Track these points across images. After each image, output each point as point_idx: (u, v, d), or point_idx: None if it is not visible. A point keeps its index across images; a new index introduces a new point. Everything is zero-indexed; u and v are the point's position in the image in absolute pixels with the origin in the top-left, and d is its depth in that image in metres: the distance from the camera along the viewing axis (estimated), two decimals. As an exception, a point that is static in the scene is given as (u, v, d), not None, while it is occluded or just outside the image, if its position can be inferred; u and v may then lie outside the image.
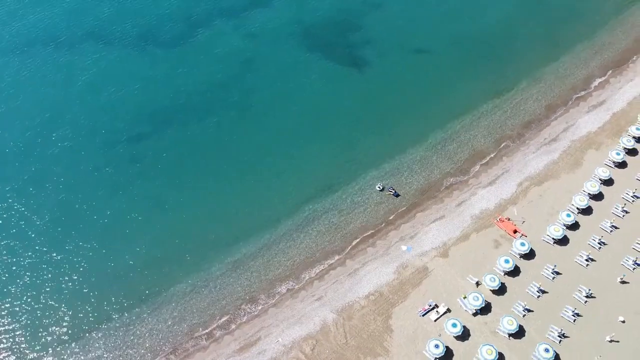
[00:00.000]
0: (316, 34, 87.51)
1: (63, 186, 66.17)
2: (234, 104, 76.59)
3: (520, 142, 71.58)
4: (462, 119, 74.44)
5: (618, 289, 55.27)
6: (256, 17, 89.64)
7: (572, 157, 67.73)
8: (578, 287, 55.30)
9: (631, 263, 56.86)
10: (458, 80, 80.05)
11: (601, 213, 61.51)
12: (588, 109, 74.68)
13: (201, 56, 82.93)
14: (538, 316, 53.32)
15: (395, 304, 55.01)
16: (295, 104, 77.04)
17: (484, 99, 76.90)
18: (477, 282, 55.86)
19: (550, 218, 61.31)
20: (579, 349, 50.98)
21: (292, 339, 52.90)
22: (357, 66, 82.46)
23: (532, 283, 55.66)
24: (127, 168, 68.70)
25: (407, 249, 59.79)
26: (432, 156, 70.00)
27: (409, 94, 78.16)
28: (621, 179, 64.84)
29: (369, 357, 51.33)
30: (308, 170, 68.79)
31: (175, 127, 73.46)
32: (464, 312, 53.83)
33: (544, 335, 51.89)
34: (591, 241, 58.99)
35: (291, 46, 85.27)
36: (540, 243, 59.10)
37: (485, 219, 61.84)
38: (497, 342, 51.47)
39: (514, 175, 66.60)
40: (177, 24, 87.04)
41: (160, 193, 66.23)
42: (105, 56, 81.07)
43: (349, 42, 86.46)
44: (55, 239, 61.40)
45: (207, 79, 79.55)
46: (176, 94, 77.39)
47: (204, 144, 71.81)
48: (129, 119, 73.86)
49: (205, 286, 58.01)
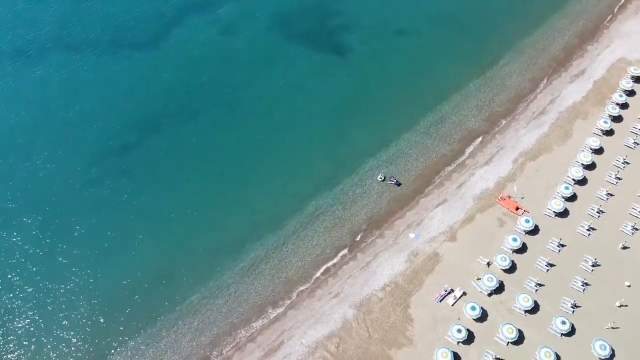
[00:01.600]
0: (294, 23, 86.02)
1: (55, 210, 63.27)
2: (219, 103, 74.92)
3: (510, 118, 72.79)
4: (450, 99, 75.02)
5: (621, 255, 57.52)
6: (230, 10, 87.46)
7: (561, 129, 69.34)
8: (584, 257, 57.29)
9: (630, 228, 59.16)
10: (441, 59, 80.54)
11: (596, 182, 63.51)
12: (570, 79, 76.35)
13: (179, 56, 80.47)
14: (550, 290, 55.09)
15: (411, 293, 55.81)
16: (281, 98, 75.94)
17: (470, 77, 77.63)
18: (488, 262, 57.13)
19: (548, 192, 62.94)
20: (592, 317, 53.06)
21: (316, 339, 53.15)
22: (339, 53, 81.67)
23: (540, 258, 57.34)
24: (118, 183, 66.33)
25: (415, 236, 60.47)
26: (427, 140, 70.46)
27: (394, 78, 78.13)
28: (610, 146, 66.90)
29: (394, 348, 52.17)
30: (304, 165, 68.28)
31: (162, 133, 71.34)
32: (479, 294, 55.13)
33: (558, 308, 53.75)
34: (590, 211, 60.98)
35: (270, 38, 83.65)
36: (542, 217, 60.71)
37: (486, 199, 62.98)
38: (514, 319, 53.03)
39: (508, 152, 67.85)
40: (149, 25, 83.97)
41: (156, 205, 64.42)
42: (80, 66, 77.68)
43: (328, 29, 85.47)
44: (55, 267, 58.91)
45: (188, 80, 77.47)
46: (158, 97, 75.02)
47: (193, 148, 70.12)
48: (113, 130, 71.23)
49: (219, 296, 57.35)
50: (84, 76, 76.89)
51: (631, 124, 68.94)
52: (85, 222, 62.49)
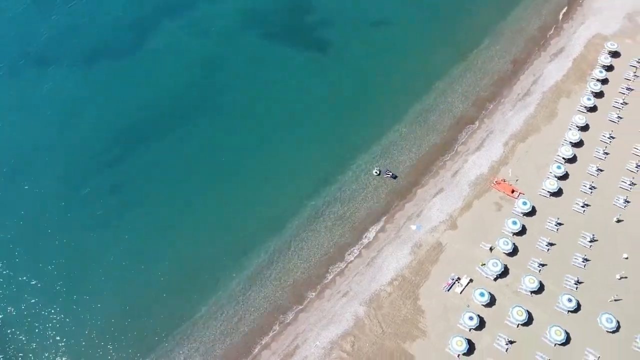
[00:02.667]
0: (271, 21, 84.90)
1: (46, 234, 61.42)
2: (204, 109, 73.56)
3: (496, 101, 73.66)
4: (435, 87, 75.39)
5: (616, 228, 59.19)
6: (204, 12, 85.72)
7: (547, 109, 70.57)
8: (581, 234, 58.79)
9: (622, 202, 60.87)
10: (422, 48, 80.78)
11: (585, 159, 65.00)
12: (550, 58, 77.60)
13: (158, 63, 78.58)
14: (552, 269, 56.40)
15: (419, 284, 56.41)
16: (266, 99, 75.02)
17: (452, 64, 78.09)
18: (491, 247, 58.07)
19: (541, 172, 64.15)
20: (595, 292, 54.62)
21: (330, 340, 53.35)
22: (321, 49, 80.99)
23: (540, 238, 58.59)
24: (110, 199, 64.78)
25: (416, 227, 60.99)
26: (417, 130, 70.79)
27: (378, 71, 78.01)
28: (595, 122, 68.44)
29: (408, 341, 52.77)
30: (298, 166, 67.66)
31: (150, 143, 69.82)
32: (485, 279, 56.08)
33: (562, 286, 55.15)
34: (583, 188, 62.45)
35: (249, 38, 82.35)
36: (537, 198, 61.92)
37: (482, 184, 63.84)
38: (522, 301, 54.19)
39: (498, 136, 68.77)
40: (123, 34, 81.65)
41: (152, 219, 63.20)
42: (55, 81, 75.25)
43: (306, 25, 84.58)
44: (55, 291, 57.46)
45: (171, 86, 75.69)
46: (142, 107, 73.13)
47: (184, 157, 68.90)
48: (98, 145, 69.38)
49: (227, 305, 56.81)
50: (60, 91, 74.49)
51: (613, 99, 70.61)
52: (78, 243, 60.94)
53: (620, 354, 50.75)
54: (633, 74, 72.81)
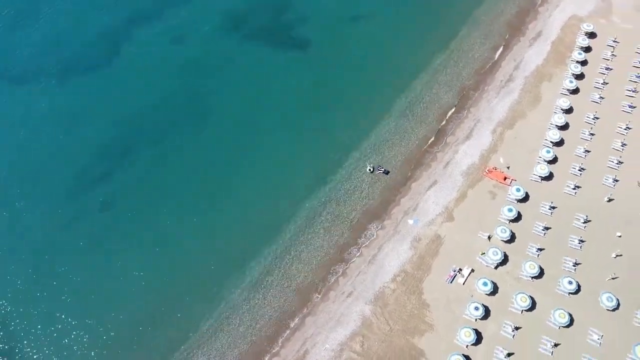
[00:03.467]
0: (249, 21, 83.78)
1: (39, 258, 59.91)
2: (188, 117, 72.30)
3: (480, 89, 74.24)
4: (419, 79, 75.58)
5: (607, 207, 60.45)
6: (179, 17, 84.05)
7: (531, 94, 71.43)
8: (575, 216, 59.89)
9: (611, 181, 62.19)
10: (402, 39, 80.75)
11: (572, 141, 66.09)
12: (529, 42, 78.47)
13: (135, 73, 76.86)
14: (550, 252, 57.33)
15: (422, 278, 56.78)
16: (250, 102, 74.11)
17: (433, 54, 78.34)
18: (489, 236, 58.75)
19: (531, 157, 65.02)
20: (593, 272, 55.80)
21: (339, 342, 53.39)
22: (301, 47, 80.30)
23: (535, 223, 59.49)
24: (100, 218, 63.28)
25: (413, 222, 61.28)
26: (405, 123, 70.94)
27: (360, 66, 77.83)
28: (579, 104, 69.57)
29: (416, 336, 53.17)
30: (290, 169, 67.08)
31: (135, 157, 68.37)
32: (486, 268, 56.74)
33: (561, 268, 56.18)
34: (572, 170, 63.52)
35: (228, 40, 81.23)
36: (530, 184, 62.80)
37: (474, 174, 64.40)
38: (523, 287, 55.01)
39: (485, 124, 69.37)
40: (96, 45, 79.58)
41: (145, 234, 61.96)
42: (34, 99, 72.98)
43: (283, 23, 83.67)
44: (53, 313, 56.16)
45: (153, 96, 74.08)
46: (123, 120, 71.49)
47: (171, 168, 67.67)
48: (82, 162, 67.66)
49: (232, 316, 56.24)
50: (38, 109, 72.36)
51: (593, 80, 71.85)
52: (74, 263, 59.54)
53: (622, 330, 52.04)
54: (611, 53, 74.18)
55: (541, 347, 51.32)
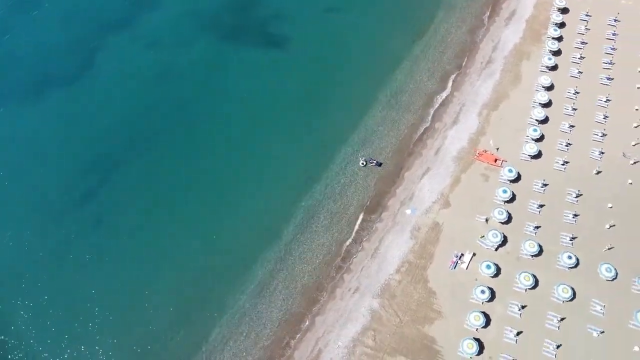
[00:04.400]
0: (222, 22, 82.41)
1: (39, 276, 58.33)
2: (175, 124, 71.08)
3: (462, 73, 74.87)
4: (401, 67, 75.82)
5: (597, 180, 62.00)
6: (150, 22, 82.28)
7: (511, 73, 72.38)
8: (567, 191, 61.24)
9: (597, 154, 63.74)
10: (379, 28, 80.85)
11: (557, 118, 67.36)
12: (504, 22, 79.39)
13: (113, 83, 75.12)
14: (547, 229, 58.58)
15: (425, 267, 57.36)
16: (232, 105, 73.30)
17: (412, 41, 78.66)
18: (487, 218, 59.62)
19: (518, 137, 66.05)
20: (591, 244, 57.26)
21: (351, 338, 53.64)
22: (279, 45, 79.50)
23: (530, 202, 60.64)
24: (94, 233, 61.85)
25: (411, 211, 61.70)
26: (392, 113, 71.12)
27: (340, 58, 77.64)
28: (559, 80, 70.85)
29: (426, 324, 53.80)
30: (281, 170, 66.53)
31: (123, 169, 66.89)
32: (487, 251, 57.64)
33: (559, 244, 57.49)
34: (559, 146, 64.84)
35: (203, 42, 79.84)
36: (520, 163, 63.84)
37: (465, 158, 65.09)
38: (525, 266, 56.17)
39: (471, 108, 70.05)
40: (70, 56, 77.39)
41: (141, 248, 60.73)
42: (10, 118, 70.36)
43: (258, 21, 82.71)
44: (51, 334, 54.94)
45: (131, 106, 72.67)
46: (106, 132, 69.82)
47: (162, 178, 66.43)
48: (69, 179, 65.83)
49: (241, 324, 55.79)
50: (14, 128, 69.83)
51: (570, 55, 73.23)
52: (71, 283, 58.01)
53: (623, 298, 53.66)
54: (584, 27, 75.64)
55: (548, 322, 52.60)
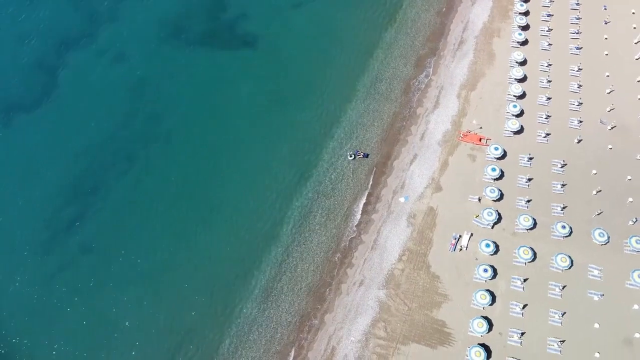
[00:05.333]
0: (187, 27, 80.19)
1: (35, 309, 56.53)
2: (153, 137, 69.08)
3: (436, 56, 75.39)
4: (375, 56, 75.82)
5: (579, 149, 63.61)
6: (112, 34, 79.24)
7: (484, 52, 73.33)
8: (552, 162, 62.78)
9: (576, 123, 65.44)
10: (349, 19, 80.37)
11: (534, 91, 68.66)
12: (471, 2, 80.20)
13: (85, 101, 72.18)
14: (538, 202, 59.98)
15: (426, 253, 58.03)
16: (212, 109, 71.85)
17: (383, 29, 78.64)
18: (479, 198, 60.61)
19: (499, 114, 67.13)
20: (581, 212, 58.95)
21: (363, 331, 53.97)
22: (250, 45, 78.18)
23: (518, 177, 61.92)
24: (83, 261, 59.96)
25: (404, 199, 62.16)
26: (373, 103, 71.19)
27: (314, 52, 76.95)
28: (531, 54, 72.14)
29: (434, 309, 54.56)
30: (270, 172, 65.77)
31: (105, 190, 64.85)
32: (483, 229, 58.71)
33: (551, 215, 59.00)
34: (539, 119, 66.24)
35: (171, 50, 77.55)
36: (504, 140, 65.00)
37: (450, 140, 65.83)
38: (521, 240, 57.45)
39: (449, 90, 70.75)
40: (34, 78, 73.82)
41: (139, 269, 59.29)
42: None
43: (225, 23, 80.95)
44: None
45: (106, 123, 70.07)
46: (82, 154, 67.25)
47: (147, 194, 64.74)
48: (50, 208, 63.30)
49: (251, 331, 55.48)
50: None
51: (539, 28, 74.63)
52: (67, 314, 56.38)
53: (617, 260, 55.57)
54: (549, 0, 77.09)
55: (550, 292, 54.12)
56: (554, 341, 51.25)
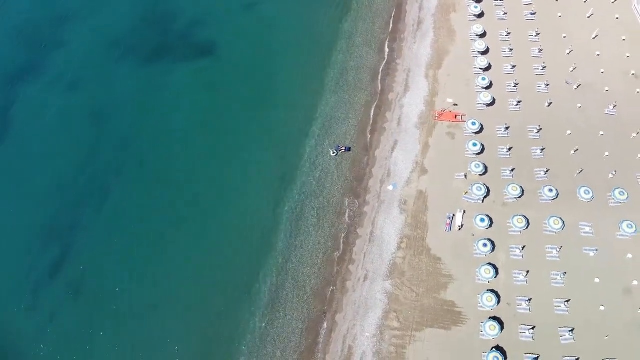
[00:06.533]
0: (140, 45, 77.03)
1: None
2: (126, 164, 66.07)
3: (398, 39, 75.38)
4: (337, 47, 75.29)
5: (550, 112, 65.26)
6: (61, 61, 75.33)
7: (444, 29, 73.86)
8: (528, 128, 64.08)
9: (544, 87, 66.99)
10: (305, 13, 79.61)
11: (498, 62, 69.81)
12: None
13: (41, 137, 68.20)
14: (522, 169, 61.13)
15: (423, 237, 58.27)
16: (180, 127, 68.95)
17: (340, 18, 78.15)
18: (465, 174, 61.24)
19: (469, 88, 67.91)
20: (563, 173, 60.45)
21: (376, 325, 53.79)
22: (207, 54, 75.93)
23: (499, 148, 62.92)
24: (75, 299, 57.29)
25: (393, 187, 62.12)
26: (344, 96, 70.63)
27: (275, 52, 75.46)
28: (489, 26, 73.13)
29: (441, 291, 54.92)
30: (252, 180, 63.90)
31: (83, 227, 61.27)
32: (475, 205, 59.41)
33: (536, 180, 60.31)
34: (509, 88, 67.38)
35: (126, 71, 74.35)
36: (478, 113, 65.83)
37: (427, 122, 66.11)
38: (513, 209, 58.47)
39: (416, 72, 70.97)
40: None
41: (133, 303, 56.78)
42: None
43: (179, 33, 78.34)
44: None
45: (73, 155, 66.43)
46: (52, 193, 63.53)
47: (127, 226, 61.45)
48: (31, 252, 59.62)
49: (265, 345, 54.13)
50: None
51: (492, -1, 75.93)
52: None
53: (605, 214, 57.52)
54: (498, -31, 78.31)
55: (548, 256, 55.47)
56: (560, 302, 52.62)
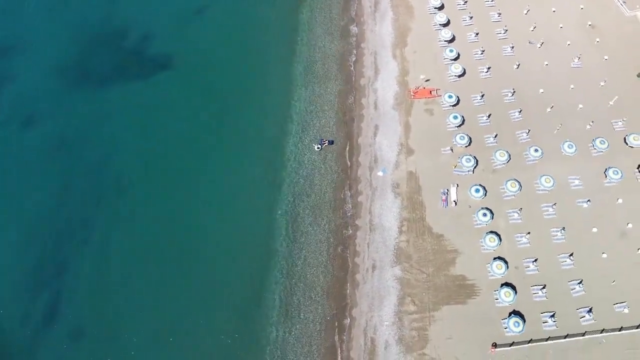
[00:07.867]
0: (94, 68, 72.90)
1: None
2: (101, 195, 62.53)
3: (358, 23, 74.58)
4: (299, 39, 73.75)
5: (520, 73, 66.57)
6: (14, 95, 70.37)
7: (402, 7, 73.75)
8: (502, 92, 65.01)
9: (509, 50, 68.04)
10: (258, 11, 77.30)
11: (461, 31, 70.61)
12: (369, -40, 79.66)
13: (8, 179, 63.74)
14: (504, 135, 62.13)
15: (423, 217, 58.37)
16: (152, 147, 65.82)
17: (296, 10, 76.59)
18: (451, 148, 61.61)
19: (438, 62, 68.19)
20: (543, 131, 61.82)
21: (394, 312, 53.70)
22: (165, 67, 72.75)
23: (478, 117, 63.56)
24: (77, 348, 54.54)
25: (382, 172, 61.81)
26: (315, 88, 69.49)
27: (236, 54, 73.26)
28: (452, 14, 72.55)
29: (450, 267, 55.26)
30: (240, 189, 62.16)
31: (71, 269, 57.85)
32: (466, 177, 59.89)
33: (520, 142, 61.27)
34: (476, 55, 68.11)
35: (85, 96, 70.12)
36: (452, 85, 66.22)
37: (403, 102, 66.01)
38: (503, 175, 59.27)
39: (383, 53, 70.59)
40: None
41: (140, 338, 54.48)
42: None
43: (132, 50, 74.68)
44: None
45: (44, 197, 62.27)
46: (31, 238, 59.60)
47: (116, 258, 58.64)
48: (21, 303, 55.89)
49: (285, 352, 52.97)
50: None
51: (448, -21, 75.84)
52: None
53: (590, 165, 59.33)
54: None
55: (545, 214, 56.76)
56: (564, 257, 54.03)
